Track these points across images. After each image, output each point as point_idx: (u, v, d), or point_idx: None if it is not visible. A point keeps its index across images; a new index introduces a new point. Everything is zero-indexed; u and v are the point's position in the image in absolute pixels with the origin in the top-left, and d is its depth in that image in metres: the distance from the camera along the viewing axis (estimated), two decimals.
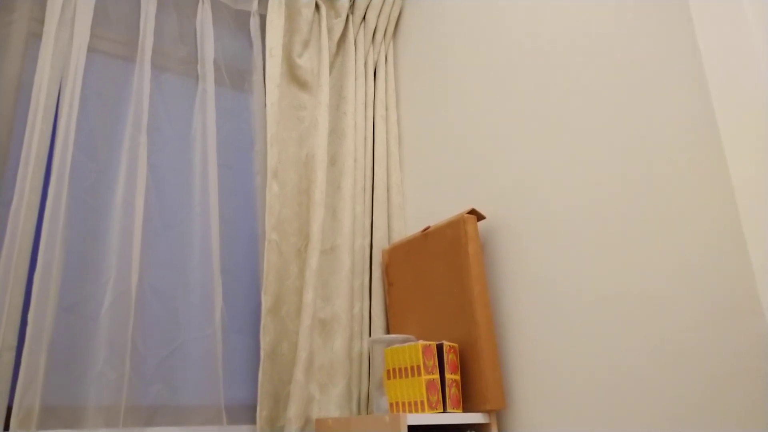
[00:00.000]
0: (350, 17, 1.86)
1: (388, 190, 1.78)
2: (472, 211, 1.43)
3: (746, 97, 1.08)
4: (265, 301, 1.51)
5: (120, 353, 1.32)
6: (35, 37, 1.44)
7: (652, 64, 1.13)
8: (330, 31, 1.82)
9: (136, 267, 1.38)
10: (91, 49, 1.45)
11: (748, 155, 1.03)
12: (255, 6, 1.77)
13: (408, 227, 1.76)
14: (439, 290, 1.46)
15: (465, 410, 1.32)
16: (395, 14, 1.95)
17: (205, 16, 1.66)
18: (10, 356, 1.21)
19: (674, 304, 1.03)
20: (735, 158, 1.00)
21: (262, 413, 1.43)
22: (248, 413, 1.48)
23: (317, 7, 1.81)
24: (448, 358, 1.32)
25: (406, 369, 1.32)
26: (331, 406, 1.51)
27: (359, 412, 1.55)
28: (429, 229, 1.53)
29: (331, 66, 1.81)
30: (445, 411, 1.28)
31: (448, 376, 1.30)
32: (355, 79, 1.81)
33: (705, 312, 0.98)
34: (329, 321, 1.58)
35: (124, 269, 1.37)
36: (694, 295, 1.00)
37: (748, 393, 0.91)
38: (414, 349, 1.30)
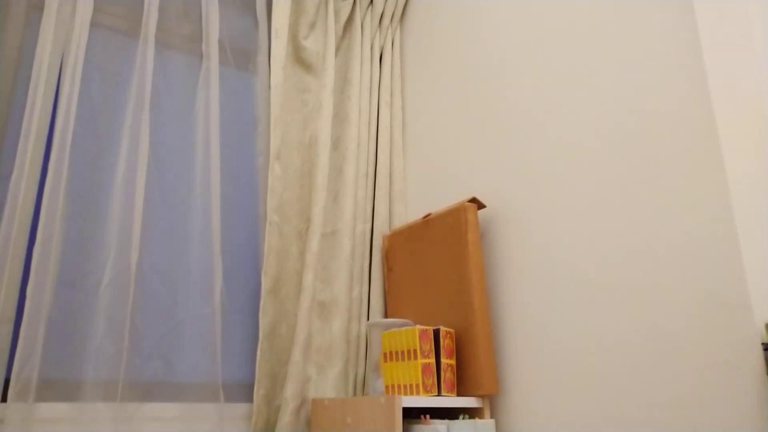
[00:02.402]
0: (357, 0, 1.84)
1: (390, 176, 1.78)
2: (473, 200, 1.43)
3: (744, 92, 1.07)
4: (265, 282, 1.52)
5: (119, 329, 1.33)
6: (36, 9, 1.43)
7: (653, 56, 1.12)
8: (337, 13, 1.80)
9: (137, 244, 1.38)
10: (93, 24, 1.44)
11: (744, 150, 1.03)
12: None
13: (409, 213, 1.76)
14: (438, 276, 1.46)
15: (459, 394, 1.33)
16: None
17: None
18: (8, 329, 1.22)
19: (668, 295, 1.03)
20: (731, 153, 1.00)
21: (259, 392, 1.44)
22: (245, 392, 1.49)
23: None
24: (445, 343, 1.33)
25: (402, 352, 1.33)
26: (327, 387, 1.52)
27: (355, 394, 1.57)
28: (430, 216, 1.53)
29: (337, 49, 1.80)
30: (439, 394, 1.29)
31: (443, 360, 1.31)
32: (361, 63, 1.80)
33: (697, 303, 0.99)
34: (328, 303, 1.59)
35: (124, 246, 1.37)
36: (687, 285, 1.01)
37: (736, 382, 0.91)
38: (411, 333, 1.31)
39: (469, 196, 1.44)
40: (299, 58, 1.74)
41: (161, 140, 1.50)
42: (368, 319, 1.64)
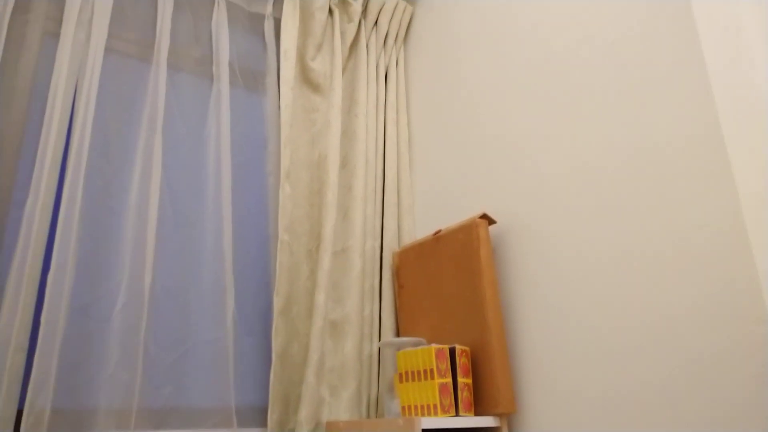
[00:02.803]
0: (362, 22, 1.87)
1: (398, 193, 1.79)
2: (484, 216, 1.44)
3: (748, 101, 1.09)
4: (277, 303, 1.51)
5: (132, 355, 1.31)
6: (51, 36, 1.44)
7: (659, 71, 1.14)
8: (343, 34, 1.83)
9: (150, 268, 1.37)
10: (107, 50, 1.45)
11: (753, 162, 1.04)
12: (269, 9, 1.78)
13: (417, 230, 1.77)
14: (450, 293, 1.46)
15: (476, 414, 1.32)
16: (406, 19, 1.96)
17: (220, 18, 1.66)
18: (21, 358, 1.20)
19: (684, 308, 1.03)
20: (739, 165, 1.01)
21: (273, 416, 1.43)
22: (259, 416, 1.48)
23: (330, 11, 1.82)
24: (461, 361, 1.33)
25: (419, 372, 1.32)
26: (341, 408, 1.51)
27: (368, 415, 1.55)
28: (440, 233, 1.54)
29: (344, 69, 1.82)
30: (457, 414, 1.28)
31: (460, 379, 1.31)
32: (367, 82, 1.82)
33: (713, 315, 0.99)
34: (340, 323, 1.58)
35: (137, 270, 1.36)
36: (702, 298, 1.01)
37: (759, 401, 0.91)
38: (427, 353, 1.31)
39: (479, 212, 1.45)
40: (307, 79, 1.76)
41: (173, 162, 1.51)
42: (380, 338, 1.64)
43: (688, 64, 1.09)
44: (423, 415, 1.28)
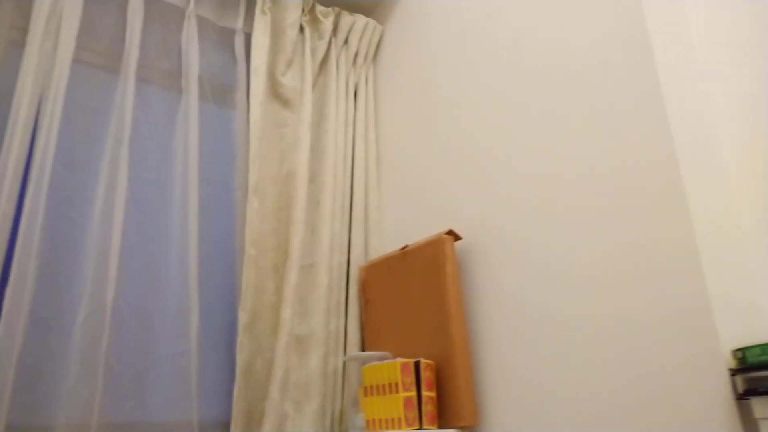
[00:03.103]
0: (333, 40, 1.90)
1: (366, 209, 1.81)
2: (450, 232, 1.47)
3: (701, 120, 1.16)
4: (242, 318, 1.51)
5: (92, 369, 1.29)
6: (15, 45, 1.42)
7: (619, 92, 1.19)
8: (313, 51, 1.85)
9: (113, 281, 1.36)
10: (75, 60, 1.44)
11: (706, 183, 1.10)
12: (240, 24, 1.80)
13: (385, 245, 1.79)
14: (416, 308, 1.48)
15: (440, 426, 1.34)
16: (376, 38, 2.00)
17: (190, 32, 1.67)
18: None
19: (637, 326, 1.08)
20: (692, 186, 1.07)
21: (235, 431, 1.42)
22: (222, 430, 1.47)
23: (301, 28, 1.85)
24: (425, 375, 1.35)
25: (383, 386, 1.33)
26: (305, 423, 1.51)
27: (332, 430, 1.55)
28: (407, 248, 1.57)
29: (314, 85, 1.84)
30: (421, 428, 1.30)
31: (424, 393, 1.33)
32: (337, 99, 1.84)
33: (664, 332, 1.04)
34: (306, 338, 1.58)
35: (99, 283, 1.34)
36: (654, 316, 1.06)
37: (704, 408, 0.96)
38: (392, 367, 1.32)
39: (445, 228, 1.49)
40: (277, 94, 1.77)
41: (139, 175, 1.50)
42: (345, 353, 1.65)
43: (643, 82, 1.15)
44: (387, 428, 1.29)
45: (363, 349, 1.66)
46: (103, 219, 1.38)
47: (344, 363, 1.62)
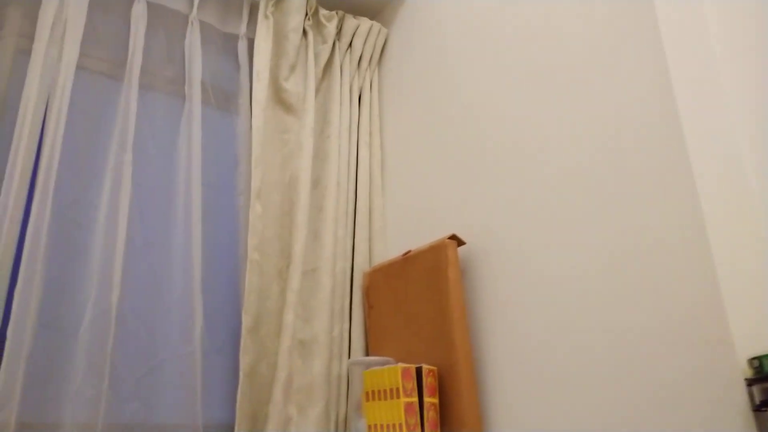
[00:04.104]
0: (336, 44, 1.90)
1: (370, 214, 1.81)
2: (453, 237, 1.47)
3: (713, 115, 1.13)
4: (246, 321, 1.51)
5: (98, 371, 1.31)
6: (23, 53, 1.44)
7: (628, 96, 1.17)
8: (316, 56, 1.86)
9: (117, 284, 1.37)
10: (79, 67, 1.45)
11: (716, 176, 1.08)
12: (243, 29, 1.80)
13: (389, 251, 1.79)
14: (419, 314, 1.48)
15: None
16: (381, 42, 2.00)
17: (193, 38, 1.68)
18: None
19: (650, 334, 1.06)
20: (703, 180, 1.05)
21: None
22: None
23: (304, 32, 1.85)
24: (427, 381, 1.34)
25: (384, 391, 1.34)
26: (308, 427, 1.51)
27: None
28: (410, 253, 1.57)
29: (317, 90, 1.85)
30: None
31: (426, 399, 1.32)
32: (340, 104, 1.84)
33: (678, 341, 1.01)
34: (309, 342, 1.59)
35: (104, 286, 1.36)
36: (668, 325, 1.03)
37: (721, 419, 0.93)
38: (393, 372, 1.32)
39: (449, 233, 1.48)
40: (280, 99, 1.78)
41: (143, 181, 1.51)
42: (349, 358, 1.65)
43: (654, 81, 1.13)
44: None
45: (367, 354, 1.66)
46: (108, 223, 1.40)
47: (348, 367, 1.62)
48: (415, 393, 1.32)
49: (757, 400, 0.91)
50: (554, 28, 1.38)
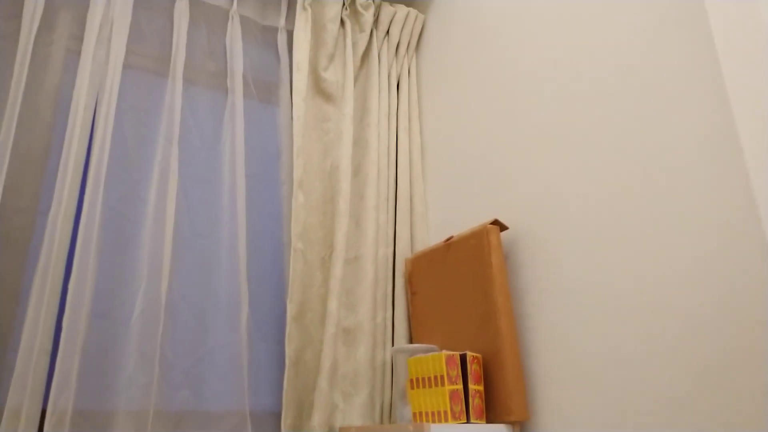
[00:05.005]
0: (374, 32, 1.89)
1: (411, 200, 1.80)
2: (495, 222, 1.44)
3: (764, 103, 1.07)
4: (290, 309, 1.53)
5: (149, 359, 1.35)
6: (74, 53, 1.50)
7: (672, 76, 1.13)
8: (354, 45, 1.86)
9: (166, 275, 1.41)
10: (126, 65, 1.50)
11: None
12: (282, 22, 1.83)
13: (431, 237, 1.77)
14: (462, 300, 1.46)
15: (488, 421, 1.32)
16: (418, 28, 1.98)
17: (234, 32, 1.71)
18: (45, 360, 1.25)
19: (698, 315, 1.02)
20: (754, 162, 0.99)
21: (286, 421, 1.45)
22: (273, 420, 1.50)
23: (342, 22, 1.85)
24: (472, 368, 1.33)
25: (429, 379, 1.32)
26: (354, 414, 1.52)
27: (381, 422, 1.56)
28: (452, 239, 1.55)
29: (356, 79, 1.85)
30: (468, 422, 1.28)
31: (471, 386, 1.31)
32: (379, 91, 1.84)
33: (728, 324, 0.97)
34: (353, 330, 1.60)
35: (154, 277, 1.40)
36: (718, 305, 0.99)
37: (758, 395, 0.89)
38: (437, 359, 1.31)
39: (491, 218, 1.45)
40: (319, 89, 1.79)
41: (189, 173, 1.55)
42: (393, 345, 1.65)
43: (702, 65, 1.08)
44: (433, 421, 1.28)
45: (410, 341, 1.65)
46: (156, 215, 1.44)
47: (392, 355, 1.62)
48: (460, 380, 1.30)
49: None
50: (596, 6, 1.32)
